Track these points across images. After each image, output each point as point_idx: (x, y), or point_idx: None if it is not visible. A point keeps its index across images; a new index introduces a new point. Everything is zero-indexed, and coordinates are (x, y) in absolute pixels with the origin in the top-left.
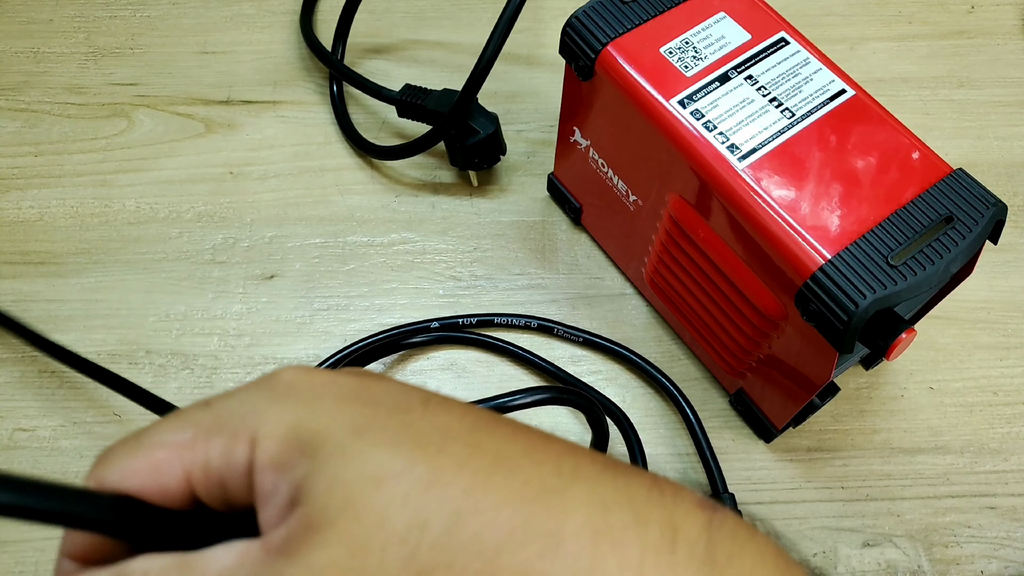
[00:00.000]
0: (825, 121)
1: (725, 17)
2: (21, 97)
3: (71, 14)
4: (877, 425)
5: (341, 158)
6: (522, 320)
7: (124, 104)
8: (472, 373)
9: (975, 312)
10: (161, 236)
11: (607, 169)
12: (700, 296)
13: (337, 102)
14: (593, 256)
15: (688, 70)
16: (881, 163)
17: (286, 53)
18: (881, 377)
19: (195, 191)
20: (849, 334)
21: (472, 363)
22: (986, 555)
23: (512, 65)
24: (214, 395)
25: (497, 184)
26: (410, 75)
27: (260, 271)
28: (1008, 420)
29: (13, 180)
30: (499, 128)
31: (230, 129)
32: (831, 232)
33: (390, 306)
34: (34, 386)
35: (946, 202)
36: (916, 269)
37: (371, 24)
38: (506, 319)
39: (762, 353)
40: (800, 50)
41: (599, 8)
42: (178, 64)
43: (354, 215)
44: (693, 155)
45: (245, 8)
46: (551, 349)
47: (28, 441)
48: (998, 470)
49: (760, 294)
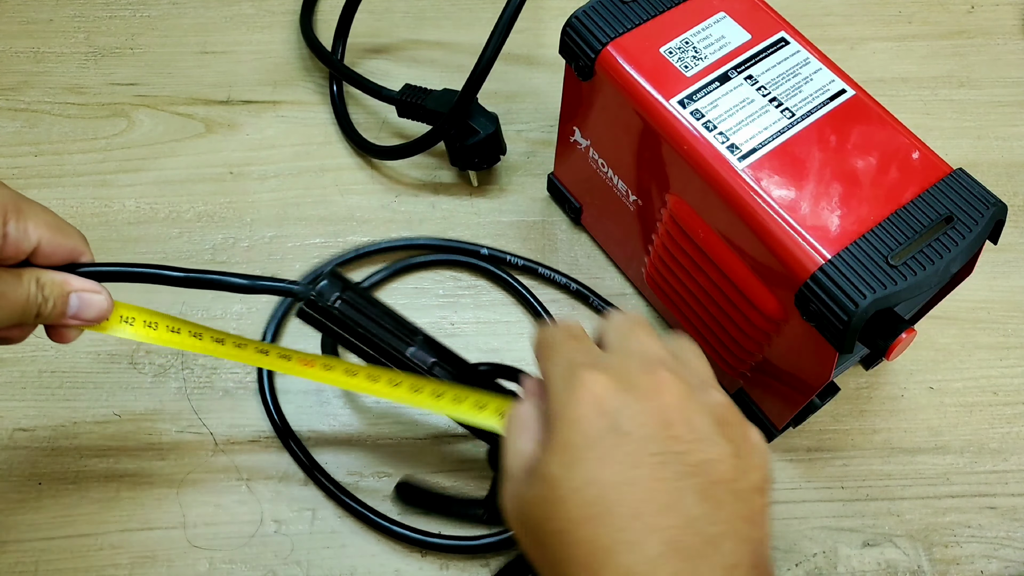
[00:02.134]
0: (825, 121)
1: (725, 17)
2: (21, 97)
3: (71, 14)
4: (877, 425)
5: (341, 158)
6: (563, 279)
7: (124, 104)
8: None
9: (975, 312)
10: (161, 236)
11: (607, 169)
12: (700, 296)
13: (337, 102)
14: (593, 256)
15: (688, 70)
16: (881, 163)
17: (286, 53)
18: (881, 377)
19: (195, 191)
20: (849, 334)
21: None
22: (986, 555)
23: (512, 65)
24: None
25: (497, 184)
26: (410, 75)
27: (260, 271)
28: (1008, 420)
29: (13, 180)
30: (499, 128)
31: (230, 129)
32: (831, 232)
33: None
34: (34, 386)
35: (946, 202)
36: (916, 269)
37: (371, 24)
38: (549, 272)
39: (762, 353)
40: (800, 50)
41: (599, 8)
42: (178, 64)
43: (354, 215)
44: (693, 155)
45: (245, 8)
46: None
47: (28, 441)
48: (998, 470)
49: (760, 294)
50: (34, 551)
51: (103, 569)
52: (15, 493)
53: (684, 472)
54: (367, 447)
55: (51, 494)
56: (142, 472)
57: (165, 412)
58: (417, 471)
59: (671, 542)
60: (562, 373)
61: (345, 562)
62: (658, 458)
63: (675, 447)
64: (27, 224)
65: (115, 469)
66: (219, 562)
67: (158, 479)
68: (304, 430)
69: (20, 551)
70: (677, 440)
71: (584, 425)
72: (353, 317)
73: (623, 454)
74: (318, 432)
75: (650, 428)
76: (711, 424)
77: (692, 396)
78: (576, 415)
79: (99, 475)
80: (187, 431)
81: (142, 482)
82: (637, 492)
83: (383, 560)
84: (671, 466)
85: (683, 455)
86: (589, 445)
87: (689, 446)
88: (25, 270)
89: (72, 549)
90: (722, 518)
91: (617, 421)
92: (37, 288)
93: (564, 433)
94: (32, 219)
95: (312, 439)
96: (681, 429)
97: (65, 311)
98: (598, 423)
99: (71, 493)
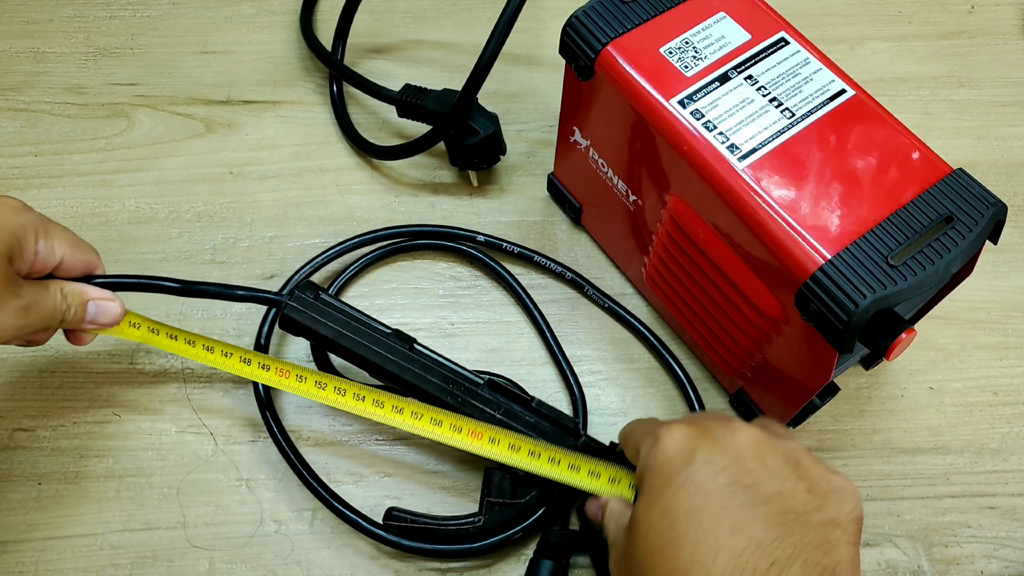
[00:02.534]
0: (825, 121)
1: (725, 17)
2: (21, 97)
3: (71, 14)
4: (877, 425)
5: (341, 158)
6: (558, 267)
7: (124, 104)
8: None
9: (975, 312)
10: (161, 236)
11: (607, 169)
12: (700, 296)
13: (337, 102)
14: (593, 256)
15: (688, 70)
16: (881, 163)
17: (286, 53)
18: (881, 377)
19: (195, 191)
20: (849, 334)
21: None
22: (986, 555)
23: (512, 65)
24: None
25: (497, 184)
26: (410, 75)
27: (260, 271)
28: (1008, 420)
29: (13, 180)
30: (499, 128)
31: (230, 129)
32: (831, 232)
33: (390, 306)
34: (34, 386)
35: (946, 202)
36: (916, 269)
37: (371, 24)
38: (545, 261)
39: (762, 353)
40: (800, 50)
41: (599, 8)
42: (178, 64)
43: (354, 215)
44: (693, 155)
45: (245, 8)
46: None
47: (28, 441)
48: (998, 470)
49: (760, 294)
50: (34, 551)
51: (103, 569)
52: (15, 493)
53: (754, 500)
54: (367, 446)
55: (51, 494)
56: (142, 472)
57: (165, 412)
58: (417, 470)
59: (739, 563)
60: (648, 439)
61: (345, 562)
62: (729, 488)
63: (746, 479)
64: (53, 242)
65: (115, 469)
66: (219, 562)
67: (158, 479)
68: (304, 430)
69: (20, 551)
70: (749, 473)
71: (664, 468)
72: (315, 323)
73: (694, 487)
74: (318, 432)
75: (723, 463)
76: (783, 463)
77: (767, 439)
78: (658, 461)
79: (99, 475)
80: (187, 431)
81: (142, 482)
82: (706, 519)
83: (383, 561)
84: (740, 495)
85: (754, 486)
86: (666, 483)
87: (760, 479)
88: (51, 282)
89: (72, 549)
90: (791, 543)
91: (693, 459)
92: (62, 297)
93: (649, 480)
94: (56, 238)
95: (312, 439)
96: (753, 464)
97: (84, 317)
98: (675, 463)
99: (71, 493)
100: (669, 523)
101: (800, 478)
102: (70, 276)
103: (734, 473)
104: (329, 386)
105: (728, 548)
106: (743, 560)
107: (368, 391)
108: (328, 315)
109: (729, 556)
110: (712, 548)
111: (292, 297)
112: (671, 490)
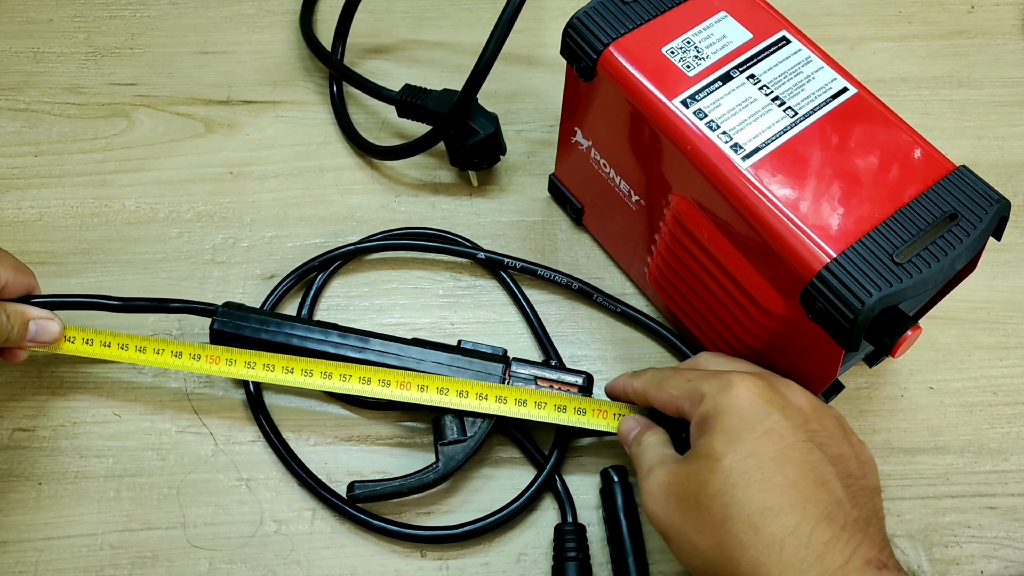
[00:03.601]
0: (828, 119)
1: (726, 16)
2: (21, 97)
3: (71, 14)
4: (877, 425)
5: (341, 158)
6: (564, 279)
7: (124, 104)
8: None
9: (975, 312)
10: (161, 236)
11: (609, 169)
12: (704, 296)
13: (337, 102)
14: (594, 256)
15: (690, 70)
16: (884, 161)
17: (286, 53)
18: (881, 377)
19: (195, 191)
20: (855, 332)
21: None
22: (986, 555)
23: (512, 65)
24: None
25: (497, 184)
26: (410, 75)
27: (260, 271)
28: (1008, 420)
29: (13, 180)
30: (499, 128)
31: (230, 129)
32: (836, 230)
33: (390, 306)
34: (34, 386)
35: (950, 199)
36: (921, 266)
37: (371, 24)
38: (549, 273)
39: (766, 352)
40: (802, 49)
41: (600, 8)
42: (178, 64)
43: (354, 215)
44: (696, 155)
45: (245, 8)
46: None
47: (28, 441)
48: (998, 470)
49: (765, 293)
50: (34, 551)
51: (103, 569)
52: (15, 493)
53: (827, 459)
54: (367, 446)
55: (51, 494)
56: (142, 472)
57: (165, 412)
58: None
59: (826, 514)
60: (713, 381)
61: (345, 562)
62: (807, 445)
63: (816, 438)
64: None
65: (115, 469)
66: (219, 562)
67: (158, 479)
68: (304, 430)
69: (20, 551)
70: (816, 433)
71: (743, 412)
72: (240, 328)
73: (777, 436)
74: (318, 432)
75: (797, 420)
76: (838, 428)
77: (820, 403)
78: (735, 404)
79: (99, 475)
80: (187, 431)
81: (142, 482)
82: (792, 467)
83: (383, 560)
84: (817, 452)
85: (824, 446)
86: (748, 428)
87: (826, 440)
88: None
89: (72, 549)
90: (860, 504)
91: (770, 411)
92: (5, 317)
93: (724, 420)
94: (1, 263)
95: (312, 439)
96: (816, 426)
97: (25, 335)
98: (754, 411)
99: (71, 493)
100: (756, 464)
101: (851, 445)
102: (11, 297)
103: (807, 432)
104: (258, 364)
105: (816, 498)
106: (830, 513)
107: (297, 362)
108: (253, 320)
109: (818, 507)
110: (802, 494)
111: (218, 312)
112: (755, 435)
